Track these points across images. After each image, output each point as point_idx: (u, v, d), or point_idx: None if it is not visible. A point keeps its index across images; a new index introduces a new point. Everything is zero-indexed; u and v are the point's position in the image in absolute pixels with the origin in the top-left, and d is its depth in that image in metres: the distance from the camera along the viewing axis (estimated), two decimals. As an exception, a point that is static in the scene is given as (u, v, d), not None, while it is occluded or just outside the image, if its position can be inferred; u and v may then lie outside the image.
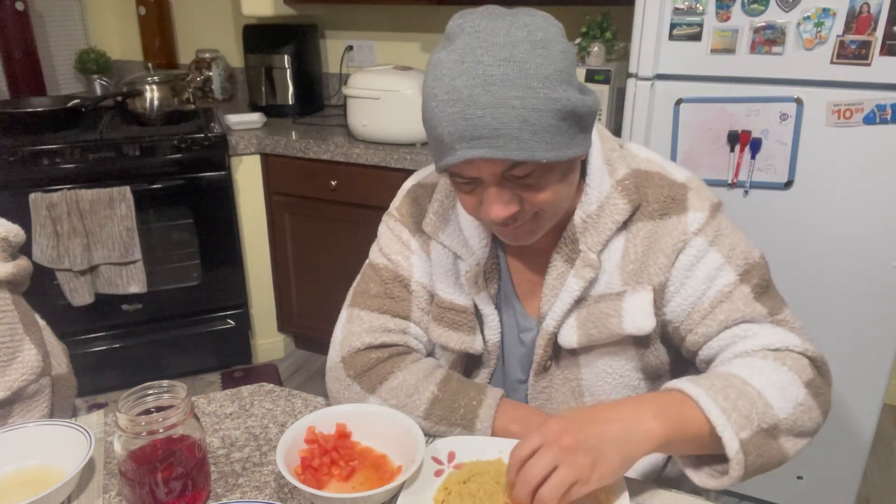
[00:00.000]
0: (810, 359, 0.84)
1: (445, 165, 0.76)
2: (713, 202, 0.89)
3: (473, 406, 0.88)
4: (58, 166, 2.15)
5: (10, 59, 2.68)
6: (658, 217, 0.88)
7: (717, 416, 0.74)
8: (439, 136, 0.75)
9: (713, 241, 0.87)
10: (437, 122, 0.75)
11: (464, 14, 0.78)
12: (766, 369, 0.80)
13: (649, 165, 0.91)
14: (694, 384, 0.77)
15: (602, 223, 0.88)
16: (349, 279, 1.05)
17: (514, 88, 0.71)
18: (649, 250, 0.88)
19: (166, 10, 3.05)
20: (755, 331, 0.85)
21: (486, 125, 0.71)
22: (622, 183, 0.88)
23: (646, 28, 1.60)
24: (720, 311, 0.86)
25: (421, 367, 0.93)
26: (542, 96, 0.72)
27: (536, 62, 0.72)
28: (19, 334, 0.91)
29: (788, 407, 0.78)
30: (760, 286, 0.87)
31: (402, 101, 2.18)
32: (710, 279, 0.86)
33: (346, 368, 0.94)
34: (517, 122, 0.71)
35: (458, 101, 0.72)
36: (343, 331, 0.98)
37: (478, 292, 0.95)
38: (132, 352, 2.45)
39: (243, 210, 2.48)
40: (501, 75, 0.71)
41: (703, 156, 1.66)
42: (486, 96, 0.71)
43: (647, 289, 0.88)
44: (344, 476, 0.81)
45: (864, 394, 1.67)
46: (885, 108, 1.48)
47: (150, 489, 0.74)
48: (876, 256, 1.57)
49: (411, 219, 0.99)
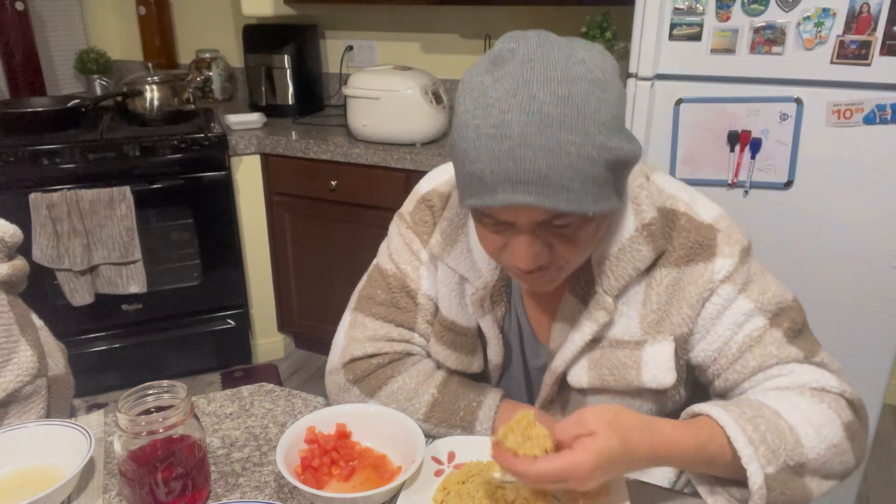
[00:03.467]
0: (848, 401, 0.80)
1: (482, 206, 0.69)
2: (743, 246, 0.83)
3: (473, 408, 0.88)
4: (58, 166, 2.15)
5: (10, 59, 2.68)
6: (683, 264, 0.82)
7: (743, 445, 0.71)
8: (478, 172, 0.67)
9: (742, 289, 0.82)
10: (477, 156, 0.67)
11: (516, 37, 0.70)
12: (802, 405, 0.76)
13: (675, 203, 0.85)
14: (723, 410, 0.74)
15: (622, 267, 0.82)
16: (349, 279, 1.05)
17: (571, 133, 0.64)
18: (672, 298, 0.83)
19: (166, 10, 3.05)
20: (791, 369, 0.80)
21: (537, 170, 0.65)
22: (648, 228, 0.82)
23: (646, 28, 1.60)
24: (751, 357, 0.81)
25: (421, 370, 0.93)
26: (598, 144, 0.66)
27: (595, 105, 0.66)
28: (15, 335, 0.91)
29: (821, 447, 0.74)
30: (793, 330, 0.82)
31: (402, 101, 2.18)
32: (737, 325, 0.82)
33: (346, 374, 0.94)
34: (570, 170, 0.65)
35: (507, 138, 0.65)
36: (345, 336, 0.96)
37: (483, 315, 0.90)
38: (132, 352, 2.45)
39: (243, 210, 2.48)
40: (559, 116, 0.64)
41: (703, 156, 1.66)
42: (540, 137, 0.64)
43: (668, 339, 0.83)
44: (344, 476, 0.81)
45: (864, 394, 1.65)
46: (885, 108, 1.48)
47: (150, 489, 0.74)
48: (876, 256, 1.57)
49: (423, 227, 0.94)
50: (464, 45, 2.61)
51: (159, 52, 3.07)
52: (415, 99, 2.17)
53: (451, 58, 2.65)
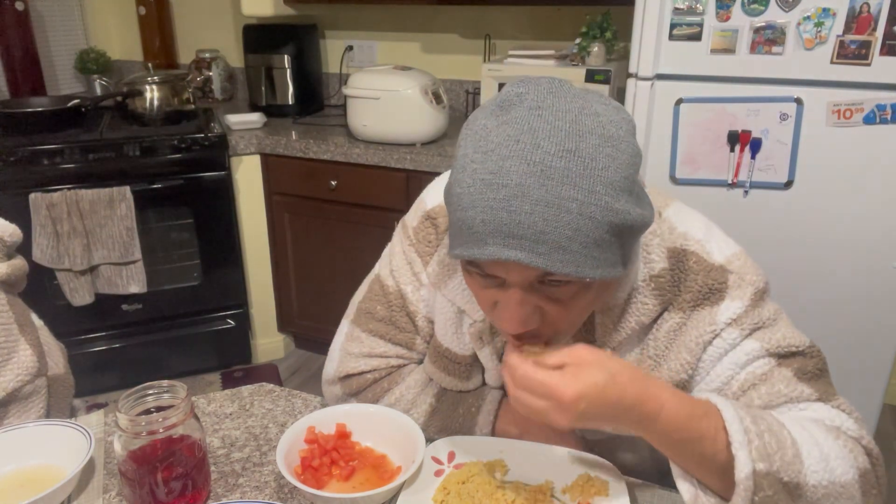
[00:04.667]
0: (866, 449, 0.72)
1: (469, 257, 0.64)
2: (757, 288, 0.76)
3: (472, 413, 0.88)
4: (58, 166, 2.15)
5: (10, 59, 2.68)
6: (689, 309, 0.76)
7: (736, 430, 0.65)
8: (468, 220, 0.62)
9: (751, 334, 0.75)
10: (470, 203, 0.62)
11: (526, 82, 0.65)
12: (813, 429, 0.69)
13: (687, 243, 0.78)
14: (724, 399, 0.69)
15: (625, 321, 0.77)
16: (349, 279, 1.05)
17: (574, 188, 0.59)
18: (672, 344, 0.77)
19: (166, 10, 3.04)
20: (803, 406, 0.73)
21: (533, 224, 0.60)
22: (656, 280, 0.76)
23: (646, 28, 1.60)
24: (756, 396, 0.73)
25: (417, 379, 0.92)
26: (603, 205, 0.60)
27: (604, 162, 0.61)
28: (14, 335, 0.90)
29: (824, 477, 0.66)
30: (804, 371, 0.74)
31: (402, 101, 2.18)
32: (739, 365, 0.74)
33: (342, 388, 0.94)
34: (569, 229, 0.60)
35: (503, 187, 0.60)
36: (341, 349, 0.95)
37: (482, 347, 0.86)
38: (132, 352, 2.45)
39: (243, 210, 2.48)
40: (562, 169, 0.59)
41: (703, 156, 1.66)
42: (539, 190, 0.59)
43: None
44: (344, 476, 0.81)
45: (864, 394, 1.67)
46: (885, 108, 1.48)
47: (150, 489, 0.74)
48: (876, 256, 1.57)
49: (426, 248, 0.89)
50: (464, 45, 2.61)
51: (159, 52, 3.07)
52: (415, 99, 2.17)
53: (451, 58, 2.65)
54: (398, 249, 0.93)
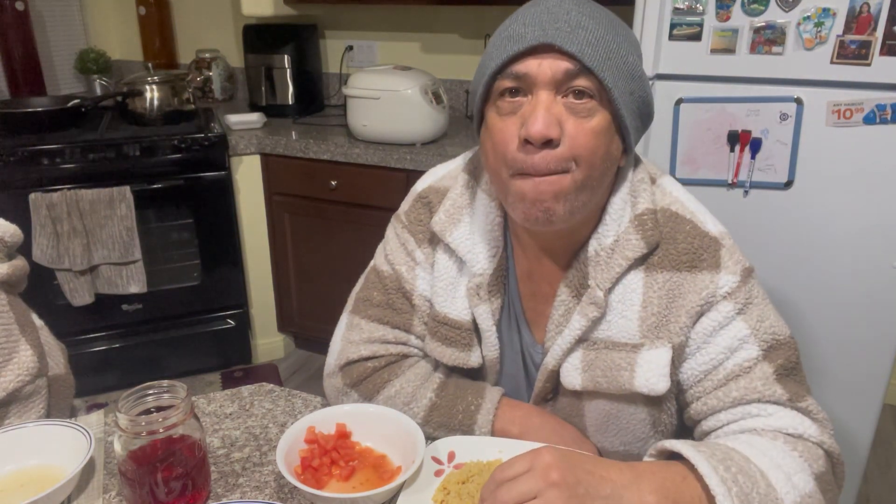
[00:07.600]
0: (826, 452, 0.77)
1: (508, 55, 0.72)
2: (745, 266, 0.81)
3: (472, 411, 0.88)
4: (58, 166, 2.15)
5: (10, 59, 2.68)
6: (686, 269, 0.80)
7: (716, 484, 0.67)
8: (509, 30, 0.74)
9: (742, 310, 0.80)
10: (511, 21, 0.75)
11: None
12: (771, 451, 0.73)
13: (681, 209, 0.83)
14: (694, 449, 0.71)
15: (614, 259, 0.81)
16: (349, 279, 1.05)
17: (612, 23, 0.74)
18: (672, 304, 0.80)
19: (166, 10, 3.05)
20: (770, 411, 0.78)
21: (571, 20, 0.71)
22: (640, 218, 0.81)
23: (646, 28, 1.60)
24: (735, 387, 0.79)
25: (418, 372, 0.92)
26: (632, 40, 0.76)
27: (626, 31, 0.75)
28: (15, 335, 0.90)
29: (796, 495, 0.70)
30: (785, 367, 0.79)
31: (402, 101, 2.18)
32: (730, 350, 0.79)
33: (343, 377, 0.94)
34: (600, 29, 0.72)
35: (543, 1, 0.74)
36: (342, 339, 0.96)
37: (477, 304, 0.88)
38: (132, 352, 2.45)
39: (243, 210, 2.48)
40: (596, 7, 0.74)
41: (703, 156, 1.66)
42: (577, 7, 0.73)
43: (666, 346, 0.80)
44: (344, 476, 0.81)
45: (864, 394, 1.67)
46: (885, 108, 1.47)
47: (150, 489, 0.74)
48: (876, 256, 1.57)
49: (419, 226, 0.93)
50: (464, 45, 2.61)
51: (159, 52, 3.07)
52: (415, 99, 2.17)
53: (451, 58, 2.65)
54: (391, 235, 0.97)
